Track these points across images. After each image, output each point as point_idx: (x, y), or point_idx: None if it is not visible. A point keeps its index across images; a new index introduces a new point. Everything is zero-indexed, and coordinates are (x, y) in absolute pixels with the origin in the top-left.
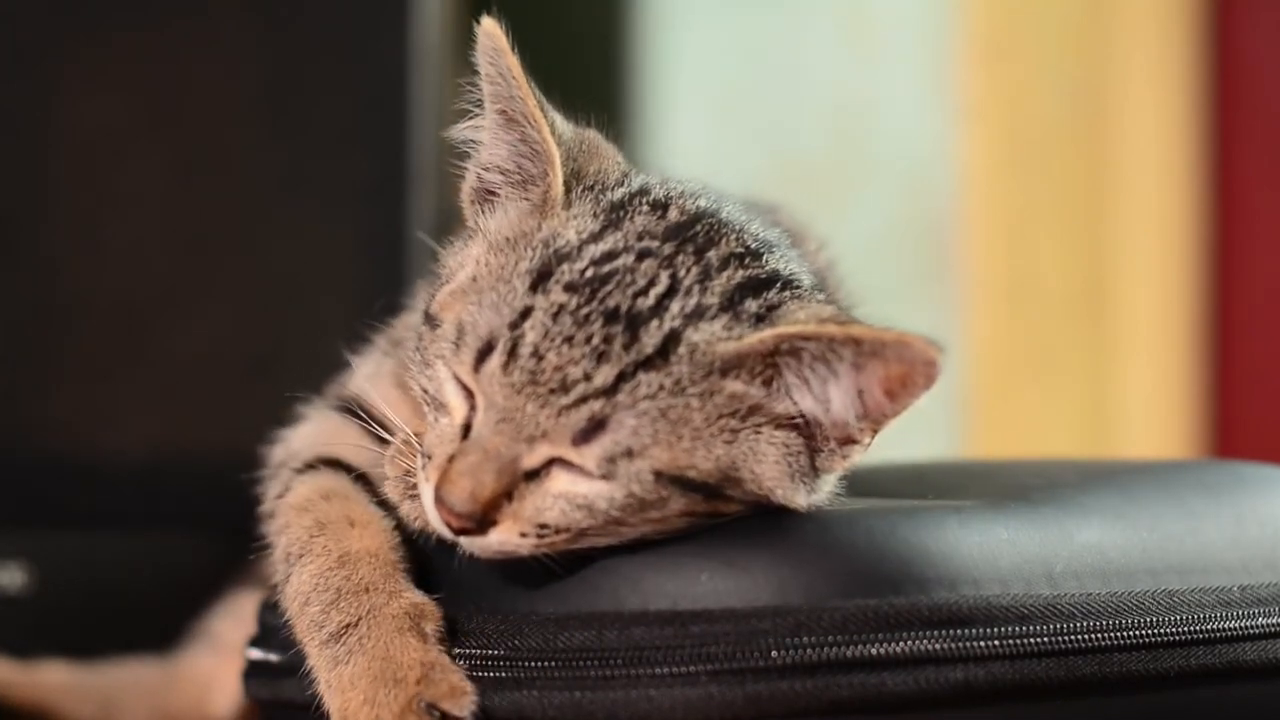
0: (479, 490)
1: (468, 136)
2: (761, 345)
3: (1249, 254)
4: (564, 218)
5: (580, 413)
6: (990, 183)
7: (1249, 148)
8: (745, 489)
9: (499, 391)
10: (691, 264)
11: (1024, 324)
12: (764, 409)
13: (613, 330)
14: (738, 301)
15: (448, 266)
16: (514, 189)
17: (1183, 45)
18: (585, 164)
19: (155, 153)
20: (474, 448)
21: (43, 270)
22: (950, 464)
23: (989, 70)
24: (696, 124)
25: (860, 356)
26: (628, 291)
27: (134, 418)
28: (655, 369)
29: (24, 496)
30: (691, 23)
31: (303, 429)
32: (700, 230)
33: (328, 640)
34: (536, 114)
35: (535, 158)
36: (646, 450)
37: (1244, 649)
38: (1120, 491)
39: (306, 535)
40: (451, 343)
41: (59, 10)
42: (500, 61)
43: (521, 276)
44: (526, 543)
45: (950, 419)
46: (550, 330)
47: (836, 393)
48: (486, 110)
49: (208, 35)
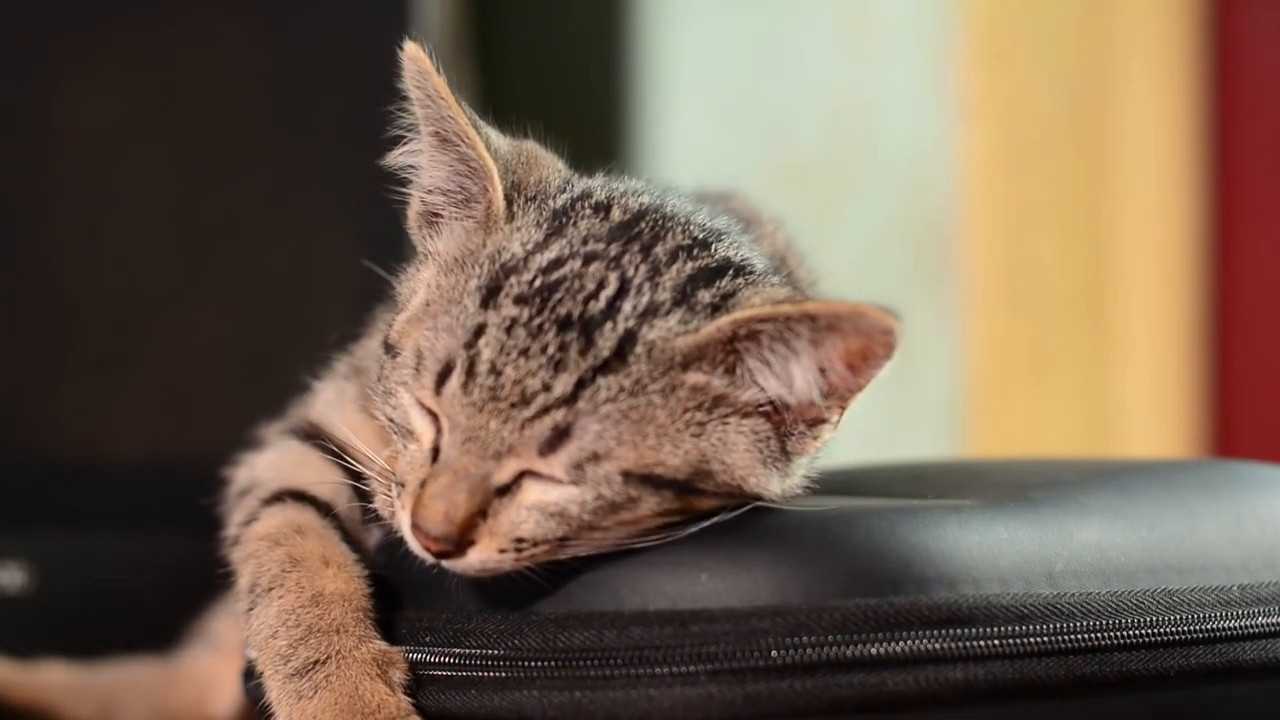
0: (453, 512)
1: (405, 162)
2: (719, 334)
3: (1249, 254)
4: (508, 231)
5: (543, 423)
6: (990, 183)
7: (1249, 147)
8: (718, 480)
9: (461, 411)
10: (639, 262)
11: (1024, 324)
12: (729, 398)
13: (567, 338)
14: (690, 294)
15: (403, 293)
16: (457, 209)
17: (1183, 45)
18: (525, 175)
19: (155, 153)
20: (444, 470)
21: (43, 270)
22: (950, 463)
23: (989, 70)
24: (696, 124)
25: (817, 332)
26: (578, 297)
27: (134, 418)
28: (614, 371)
29: (24, 496)
30: (691, 22)
31: (267, 455)
32: (645, 227)
33: (293, 674)
34: (469, 132)
35: (473, 175)
36: (612, 452)
37: (1244, 648)
38: (1120, 491)
39: (278, 569)
40: (412, 369)
41: (59, 10)
42: (427, 84)
43: (472, 295)
44: (507, 558)
45: (950, 419)
46: (505, 345)
47: (799, 371)
48: (421, 134)
49: (208, 35)
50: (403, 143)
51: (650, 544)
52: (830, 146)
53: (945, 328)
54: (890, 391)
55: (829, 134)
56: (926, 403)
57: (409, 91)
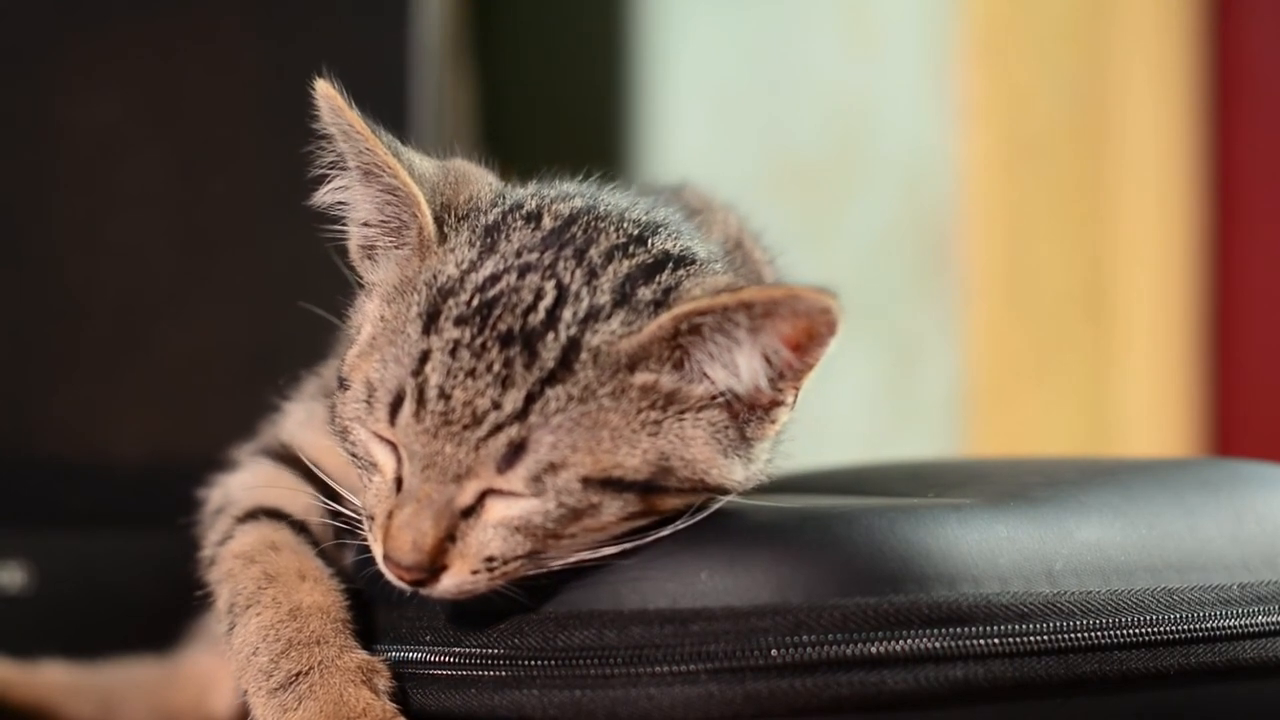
0: (420, 540)
1: (333, 199)
2: (661, 331)
3: (1249, 253)
4: (442, 254)
5: (498, 441)
6: (990, 182)
7: (1249, 147)
8: (680, 476)
9: (417, 440)
10: (574, 267)
11: (1024, 324)
12: (681, 393)
13: (511, 353)
14: (630, 293)
15: (352, 325)
16: (391, 238)
17: (1183, 45)
18: (455, 195)
19: (155, 152)
20: (407, 499)
21: (43, 270)
22: (950, 463)
23: (989, 70)
24: (696, 124)
25: (756, 319)
26: (517, 311)
27: (134, 418)
28: (561, 381)
29: (24, 496)
30: (691, 23)
31: (240, 475)
32: (577, 231)
33: (276, 689)
34: (390, 161)
35: (401, 203)
36: (569, 460)
37: (1243, 647)
38: (1120, 489)
39: (255, 586)
40: (364, 403)
41: (59, 10)
42: (342, 120)
43: (414, 322)
44: (481, 579)
45: (950, 419)
46: (451, 368)
47: (744, 359)
48: (344, 169)
49: (208, 35)
50: (327, 181)
51: (625, 549)
52: (830, 146)
53: (945, 328)
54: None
55: (829, 134)
56: (926, 403)
57: (326, 129)
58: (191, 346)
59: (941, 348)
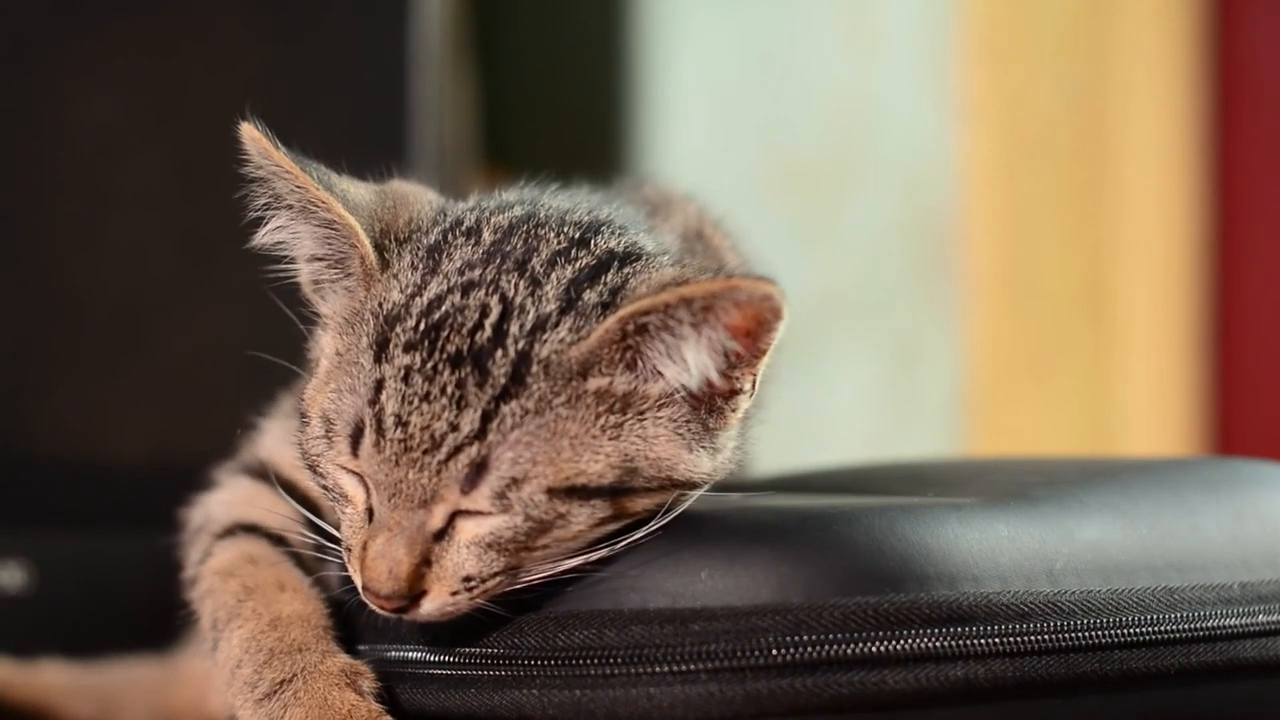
0: (396, 568)
1: (274, 240)
2: (608, 335)
3: (1249, 253)
4: (386, 280)
5: (459, 462)
6: (990, 182)
7: (1249, 147)
8: (647, 476)
9: (380, 469)
10: (517, 279)
11: (1024, 324)
12: (638, 393)
13: (462, 374)
14: (576, 297)
15: (311, 358)
16: (336, 270)
17: (1183, 44)
18: (394, 219)
19: (155, 152)
20: (379, 529)
21: (43, 270)
22: (950, 462)
23: (989, 70)
24: (696, 124)
25: (698, 313)
26: (464, 331)
27: (134, 418)
28: (515, 396)
29: (24, 496)
30: (691, 23)
31: (219, 494)
32: (517, 241)
33: (261, 699)
34: (322, 196)
35: (340, 236)
36: (530, 473)
37: (1244, 646)
38: (1120, 489)
39: (234, 600)
40: (324, 438)
41: (59, 10)
42: (269, 161)
43: (365, 352)
44: (461, 599)
45: (950, 419)
46: (405, 394)
47: (692, 354)
48: (280, 209)
49: (208, 35)
50: (266, 222)
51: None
52: (830, 146)
53: (945, 328)
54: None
55: (829, 134)
56: (926, 403)
57: (256, 172)
58: (191, 346)
59: (941, 348)
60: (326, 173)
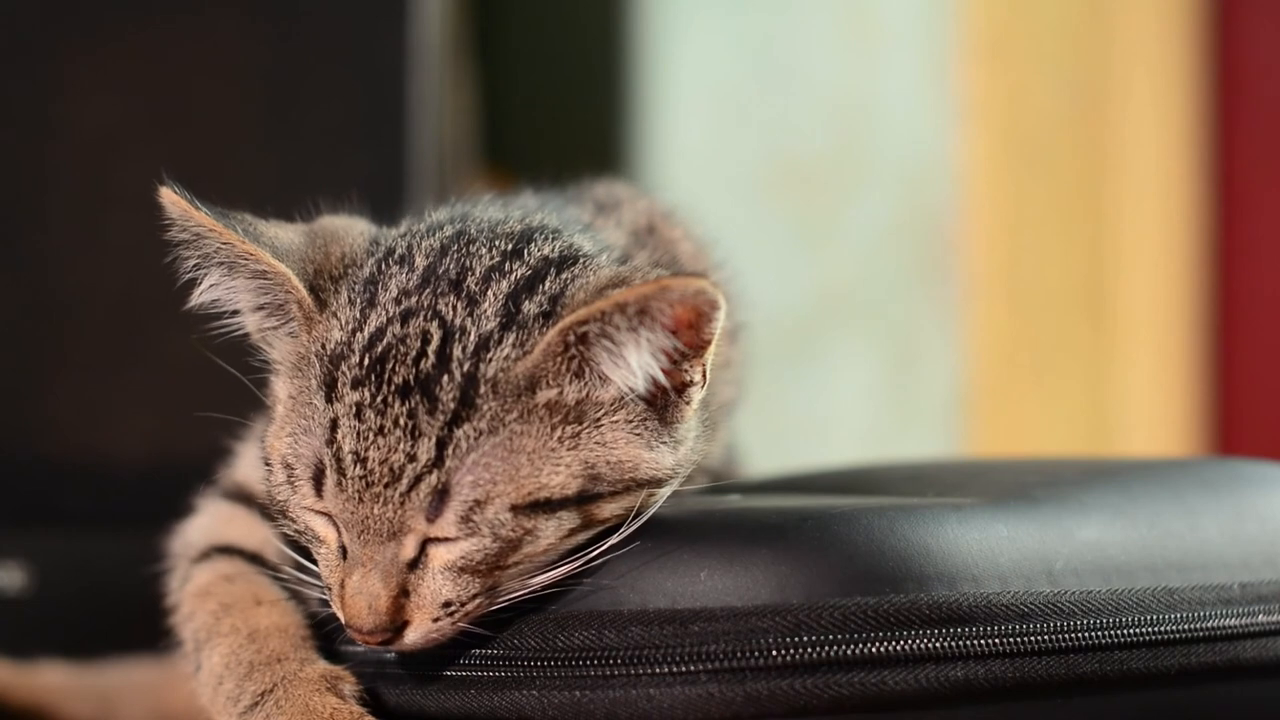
0: (375, 602)
1: (211, 298)
2: (551, 348)
3: (1249, 253)
4: (326, 320)
5: (420, 492)
6: (990, 181)
7: (1249, 147)
8: (610, 480)
9: (345, 507)
10: (454, 301)
11: (1024, 324)
12: (589, 400)
13: (412, 403)
14: (515, 311)
15: (270, 404)
16: (277, 317)
17: (1183, 44)
18: (326, 258)
19: (155, 152)
20: (353, 566)
21: (43, 270)
22: (950, 462)
23: (989, 70)
24: (696, 124)
25: (633, 317)
26: (408, 360)
27: (134, 418)
28: (467, 420)
29: (24, 496)
30: (692, 22)
31: (197, 520)
32: (450, 262)
33: (245, 712)
34: (249, 249)
35: (274, 284)
36: (492, 494)
37: (1244, 646)
38: (1120, 489)
39: (212, 619)
40: (287, 483)
41: (59, 10)
42: (191, 223)
43: (316, 393)
44: (444, 625)
45: (950, 419)
46: (360, 431)
47: (634, 356)
48: (211, 267)
49: (208, 35)
50: (199, 282)
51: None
52: (830, 146)
53: (945, 328)
54: (890, 391)
55: (829, 133)
56: (926, 402)
57: (181, 235)
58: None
59: (941, 347)
60: (253, 222)
